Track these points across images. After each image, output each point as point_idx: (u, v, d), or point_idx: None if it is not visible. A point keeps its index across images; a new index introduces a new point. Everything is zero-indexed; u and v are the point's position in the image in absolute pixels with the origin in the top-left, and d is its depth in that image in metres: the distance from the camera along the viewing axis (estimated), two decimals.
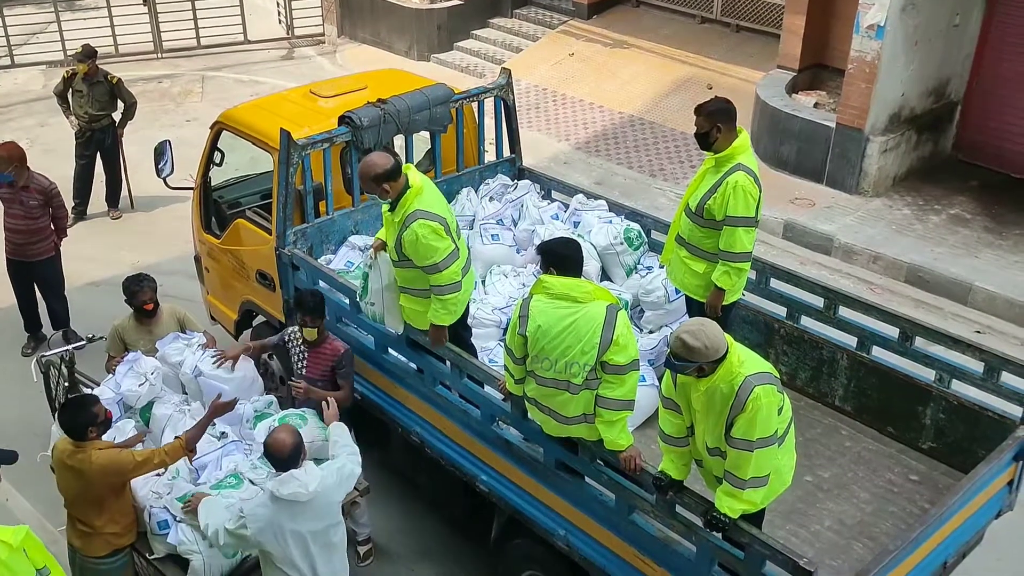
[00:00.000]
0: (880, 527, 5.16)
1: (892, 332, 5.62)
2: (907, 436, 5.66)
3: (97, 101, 9.91)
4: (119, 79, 10.01)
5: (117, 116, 10.14)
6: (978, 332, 8.21)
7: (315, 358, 5.83)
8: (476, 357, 5.71)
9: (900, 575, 4.48)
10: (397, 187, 5.29)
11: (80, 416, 4.95)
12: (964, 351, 5.39)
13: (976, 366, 5.34)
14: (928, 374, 5.54)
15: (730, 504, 4.18)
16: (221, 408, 5.34)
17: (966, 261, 9.04)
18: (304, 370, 5.84)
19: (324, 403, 5.42)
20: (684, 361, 4.11)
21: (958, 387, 5.45)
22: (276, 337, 6.09)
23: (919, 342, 5.55)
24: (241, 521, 4.67)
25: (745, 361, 4.17)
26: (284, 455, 4.65)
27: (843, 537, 5.12)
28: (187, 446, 5.10)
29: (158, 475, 5.34)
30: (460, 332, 5.75)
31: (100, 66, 10.02)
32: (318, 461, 5.06)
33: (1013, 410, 5.19)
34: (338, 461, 4.93)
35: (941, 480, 5.41)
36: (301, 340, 5.85)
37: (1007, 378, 5.21)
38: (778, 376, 4.26)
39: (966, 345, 5.39)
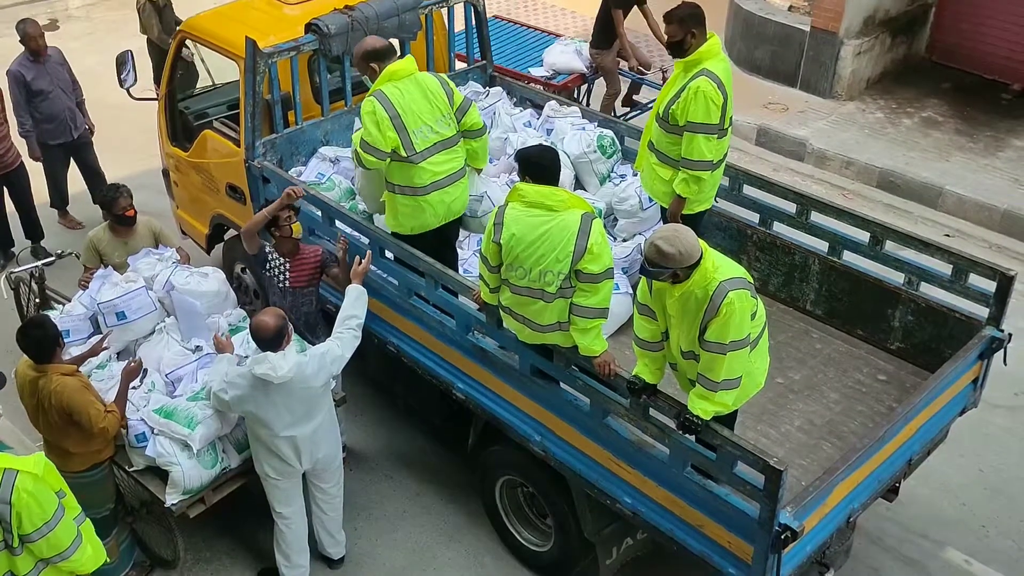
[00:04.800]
0: (848, 426, 5.29)
1: (863, 236, 5.66)
2: (876, 338, 5.76)
3: None
4: None
5: None
6: (947, 235, 8.30)
7: (299, 266, 5.79)
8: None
9: (867, 472, 4.62)
10: (384, 68, 5.37)
11: (45, 333, 4.94)
12: (933, 254, 5.46)
13: (944, 269, 5.41)
14: (898, 277, 5.61)
15: (703, 406, 4.26)
16: (131, 373, 5.31)
17: (937, 165, 9.07)
18: (287, 282, 5.79)
19: (356, 260, 5.53)
20: (658, 267, 4.13)
21: (926, 289, 5.53)
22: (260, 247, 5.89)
23: (889, 246, 5.60)
24: (223, 386, 4.95)
25: (719, 267, 4.19)
26: (265, 336, 4.85)
27: (812, 437, 5.24)
28: (121, 417, 5.12)
29: (134, 387, 5.36)
30: (449, 256, 5.73)
31: None
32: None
33: (979, 311, 5.28)
34: (324, 346, 5.12)
35: (908, 380, 5.52)
36: (279, 255, 5.79)
37: (974, 280, 5.28)
38: (752, 281, 4.29)
39: (935, 248, 5.44)
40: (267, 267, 5.81)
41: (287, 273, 5.79)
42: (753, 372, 4.42)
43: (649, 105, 8.45)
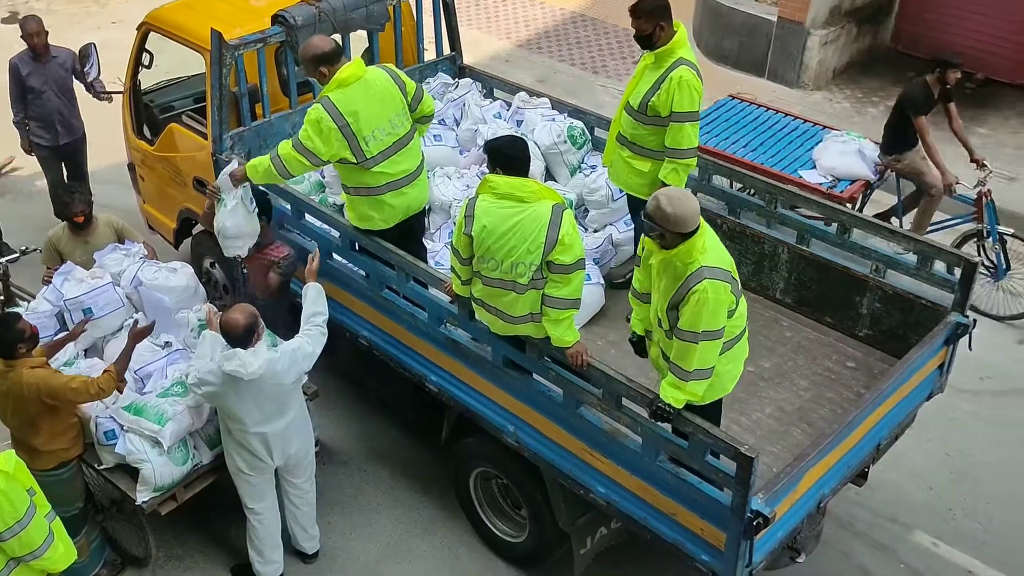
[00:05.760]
0: (818, 412, 5.34)
1: (830, 225, 5.72)
2: (844, 325, 5.82)
3: None
4: None
5: None
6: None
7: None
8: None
9: (836, 458, 4.67)
10: (334, 72, 5.21)
11: (6, 334, 4.85)
12: (899, 242, 5.53)
13: (910, 256, 5.47)
14: (865, 265, 5.67)
15: (674, 395, 4.28)
16: (140, 334, 5.24)
17: None
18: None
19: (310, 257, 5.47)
20: (651, 221, 4.15)
21: (893, 277, 5.59)
22: None
23: (856, 234, 5.66)
24: (195, 381, 4.93)
25: (708, 250, 4.18)
26: (235, 333, 4.83)
27: (782, 424, 5.29)
28: (117, 378, 5.00)
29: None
30: (409, 245, 5.71)
31: None
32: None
33: (944, 297, 5.35)
34: (295, 342, 5.08)
35: (876, 366, 5.59)
36: None
37: (939, 267, 5.35)
38: (737, 279, 4.29)
39: (901, 236, 5.52)
40: None
41: None
42: (722, 374, 4.43)
43: (949, 222, 7.60)
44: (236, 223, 5.61)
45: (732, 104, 8.31)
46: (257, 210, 5.73)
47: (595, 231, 6.40)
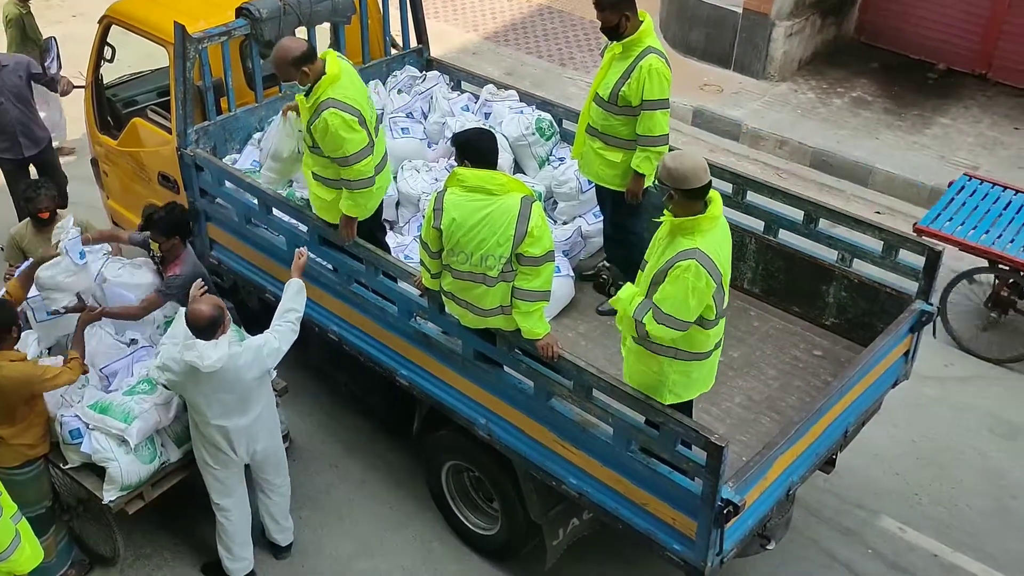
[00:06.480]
0: (786, 401, 5.39)
1: (797, 215, 5.77)
2: (811, 314, 5.87)
3: None
4: None
5: None
6: (878, 213, 8.49)
7: (168, 271, 5.70)
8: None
9: (804, 445, 4.72)
10: (316, 70, 5.16)
11: (4, 316, 4.84)
12: (865, 231, 5.59)
13: (875, 245, 5.54)
14: (831, 254, 5.73)
15: (628, 307, 4.30)
16: (89, 319, 5.27)
17: (867, 143, 9.26)
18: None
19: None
20: (661, 183, 4.24)
21: (859, 266, 5.65)
22: (141, 236, 5.91)
23: (823, 224, 5.71)
24: (160, 364, 4.94)
25: (709, 236, 4.20)
26: (197, 324, 4.81)
27: (752, 412, 5.34)
28: (82, 361, 5.04)
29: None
30: (374, 231, 5.70)
31: None
32: None
33: (909, 285, 5.41)
34: (261, 338, 5.04)
35: (843, 354, 5.65)
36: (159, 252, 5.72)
37: (904, 255, 5.42)
38: (725, 290, 4.29)
39: (866, 225, 5.57)
40: (151, 252, 5.80)
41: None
42: (667, 376, 4.39)
43: None
44: (53, 275, 5.33)
45: (971, 185, 7.24)
46: (87, 262, 5.47)
47: (564, 223, 6.40)
